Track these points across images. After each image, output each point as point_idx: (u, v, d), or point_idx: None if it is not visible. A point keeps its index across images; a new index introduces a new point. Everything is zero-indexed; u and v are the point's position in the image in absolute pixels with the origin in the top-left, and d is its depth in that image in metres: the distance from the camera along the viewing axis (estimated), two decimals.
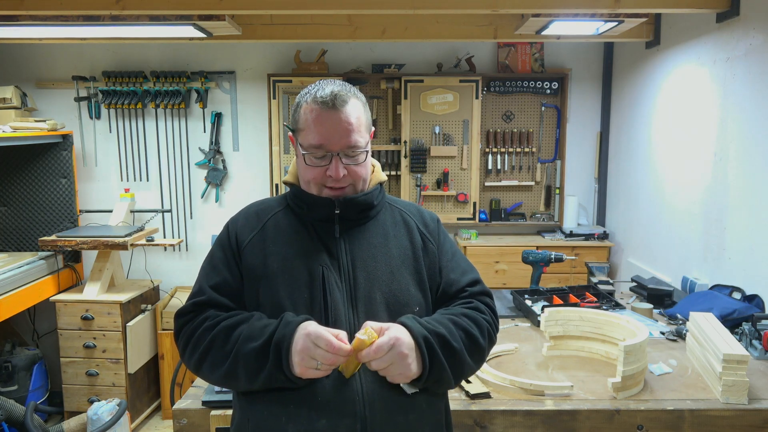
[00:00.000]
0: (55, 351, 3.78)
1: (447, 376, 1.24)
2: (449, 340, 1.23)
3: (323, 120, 1.26)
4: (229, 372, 1.21)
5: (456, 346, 1.23)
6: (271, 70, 4.27)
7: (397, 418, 1.22)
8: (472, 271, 1.43)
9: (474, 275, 1.42)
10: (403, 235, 1.37)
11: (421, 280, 1.34)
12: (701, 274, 3.00)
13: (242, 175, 4.40)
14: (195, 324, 1.27)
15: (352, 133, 1.27)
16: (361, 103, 1.33)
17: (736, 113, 2.75)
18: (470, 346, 1.27)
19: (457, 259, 1.42)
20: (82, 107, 4.31)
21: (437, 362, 1.21)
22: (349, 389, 1.20)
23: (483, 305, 1.37)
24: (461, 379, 1.31)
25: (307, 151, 1.28)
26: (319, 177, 1.30)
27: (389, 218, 1.40)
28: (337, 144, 1.27)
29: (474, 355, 1.29)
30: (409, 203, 1.48)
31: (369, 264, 1.30)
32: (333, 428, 1.18)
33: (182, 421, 1.76)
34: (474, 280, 1.41)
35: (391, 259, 1.32)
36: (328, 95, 1.27)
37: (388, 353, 1.14)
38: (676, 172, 3.30)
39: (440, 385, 1.27)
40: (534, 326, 2.46)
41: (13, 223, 4.10)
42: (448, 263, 1.40)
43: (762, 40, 2.55)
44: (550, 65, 4.31)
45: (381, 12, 2.82)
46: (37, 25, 3.01)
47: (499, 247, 4.08)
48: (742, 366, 1.76)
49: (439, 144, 4.19)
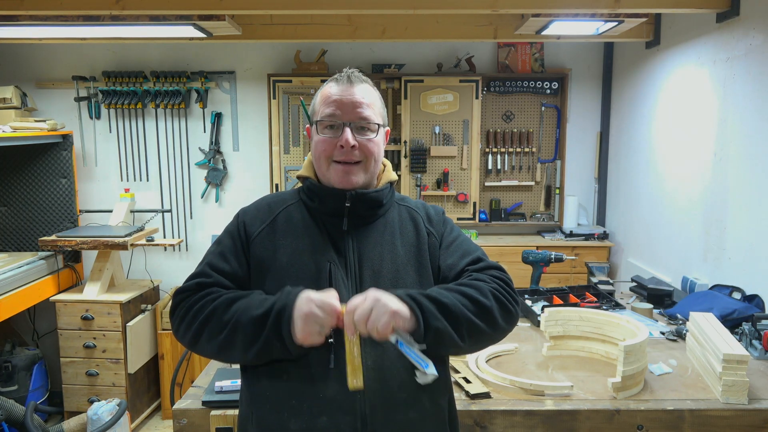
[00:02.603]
0: (55, 351, 3.78)
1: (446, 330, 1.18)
2: (436, 296, 1.20)
3: (338, 92, 1.33)
4: (226, 340, 1.20)
5: (446, 301, 1.20)
6: (271, 70, 4.28)
7: (397, 415, 1.22)
8: (475, 252, 1.39)
9: (475, 256, 1.37)
10: (411, 233, 1.38)
11: (426, 276, 1.35)
12: (701, 274, 3.00)
13: (242, 175, 4.40)
14: (196, 297, 1.27)
15: (364, 107, 1.32)
16: (376, 92, 1.39)
17: (736, 113, 2.75)
18: (466, 302, 1.22)
19: (457, 244, 1.40)
20: (82, 107, 4.31)
21: (426, 310, 1.17)
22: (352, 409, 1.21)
23: (486, 276, 1.31)
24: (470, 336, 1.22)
25: (320, 119, 1.33)
26: (330, 149, 1.33)
27: (397, 216, 1.40)
28: (348, 114, 1.31)
29: (476, 312, 1.22)
30: (417, 201, 1.48)
31: (375, 262, 1.31)
32: (334, 425, 1.19)
33: (182, 421, 1.76)
34: (475, 260, 1.36)
35: (397, 257, 1.33)
36: (346, 73, 1.35)
37: (366, 301, 1.13)
38: (676, 172, 3.30)
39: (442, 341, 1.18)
40: (534, 326, 2.46)
41: (13, 223, 4.10)
42: (447, 250, 1.39)
43: (762, 40, 2.55)
44: (550, 65, 4.31)
45: (381, 12, 2.82)
46: (37, 25, 3.01)
47: (499, 247, 4.08)
48: (742, 366, 1.76)
49: (439, 144, 4.19)
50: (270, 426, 1.23)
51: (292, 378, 1.23)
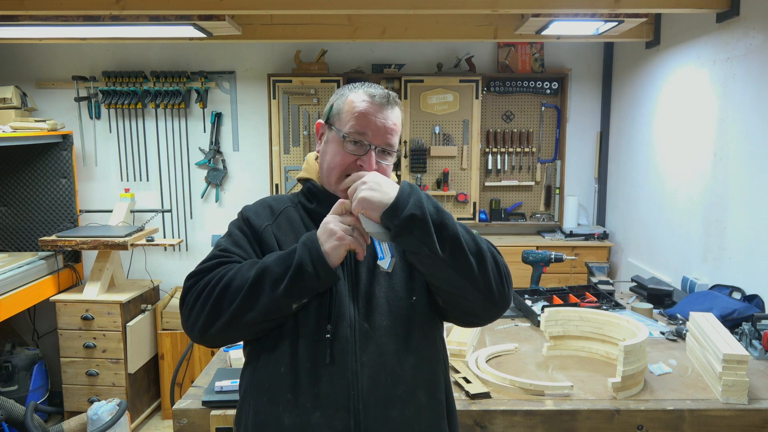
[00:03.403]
0: (55, 351, 3.78)
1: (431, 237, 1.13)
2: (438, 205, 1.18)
3: (374, 112, 1.30)
4: (251, 289, 1.18)
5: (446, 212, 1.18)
6: (271, 70, 4.28)
7: (392, 413, 1.21)
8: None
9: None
10: None
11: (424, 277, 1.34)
12: (701, 274, 3.00)
13: (242, 175, 4.41)
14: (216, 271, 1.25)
15: (394, 133, 1.33)
16: (402, 114, 1.39)
17: (735, 113, 2.75)
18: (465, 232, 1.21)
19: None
20: (82, 107, 4.32)
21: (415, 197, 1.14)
22: (345, 383, 1.20)
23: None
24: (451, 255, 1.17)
25: (348, 135, 1.31)
26: (347, 164, 1.31)
27: None
28: (378, 137, 1.30)
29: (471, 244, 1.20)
30: None
31: (371, 261, 1.31)
32: (327, 421, 1.19)
33: (182, 421, 1.76)
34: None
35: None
36: (383, 93, 1.33)
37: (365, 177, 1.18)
38: (676, 172, 3.30)
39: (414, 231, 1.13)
40: (534, 326, 2.46)
41: (13, 223, 4.10)
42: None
43: (762, 40, 2.55)
44: (550, 65, 4.31)
45: (381, 12, 2.82)
46: (37, 25, 3.01)
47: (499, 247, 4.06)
48: (742, 366, 1.76)
49: (439, 144, 4.19)
50: (265, 419, 1.23)
51: (289, 372, 1.22)
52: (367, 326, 1.24)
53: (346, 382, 1.20)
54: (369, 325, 1.23)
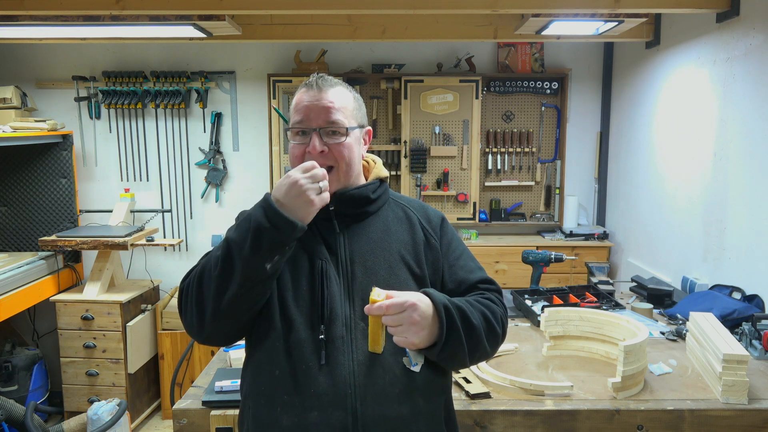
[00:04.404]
0: (55, 351, 3.78)
1: (462, 352, 1.24)
2: (468, 315, 1.25)
3: (308, 98, 1.31)
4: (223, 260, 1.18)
5: (475, 322, 1.25)
6: (271, 70, 4.28)
7: (389, 412, 1.21)
8: (480, 269, 1.43)
9: (483, 274, 1.42)
10: (405, 230, 1.38)
11: (422, 276, 1.34)
12: (701, 274, 3.00)
13: (242, 175, 4.40)
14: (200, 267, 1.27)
15: (333, 111, 1.29)
16: (350, 93, 1.37)
17: (735, 113, 2.75)
18: (486, 327, 1.29)
19: (465, 258, 1.42)
20: (82, 107, 4.32)
21: (455, 333, 1.21)
22: (342, 382, 1.21)
23: (497, 297, 1.38)
24: (475, 358, 1.30)
25: (291, 128, 1.33)
26: (300, 156, 1.31)
27: (391, 214, 1.40)
28: (316, 120, 1.29)
29: (490, 338, 1.30)
30: (414, 200, 1.48)
31: (368, 258, 1.31)
32: (325, 420, 1.19)
33: (182, 421, 1.76)
34: (484, 279, 1.41)
35: (390, 254, 1.33)
36: (317, 77, 1.34)
37: (401, 314, 1.15)
38: (676, 172, 3.30)
39: (453, 359, 1.26)
40: (534, 326, 2.46)
41: (13, 223, 4.10)
42: (456, 262, 1.40)
43: (762, 40, 2.55)
44: (550, 65, 4.31)
45: (381, 12, 2.82)
46: (37, 25, 3.01)
47: (499, 247, 4.08)
48: (742, 366, 1.76)
49: (439, 144, 4.19)
50: (264, 420, 1.24)
51: (285, 373, 1.23)
52: (363, 325, 1.24)
53: (343, 381, 1.21)
54: (366, 323, 1.23)
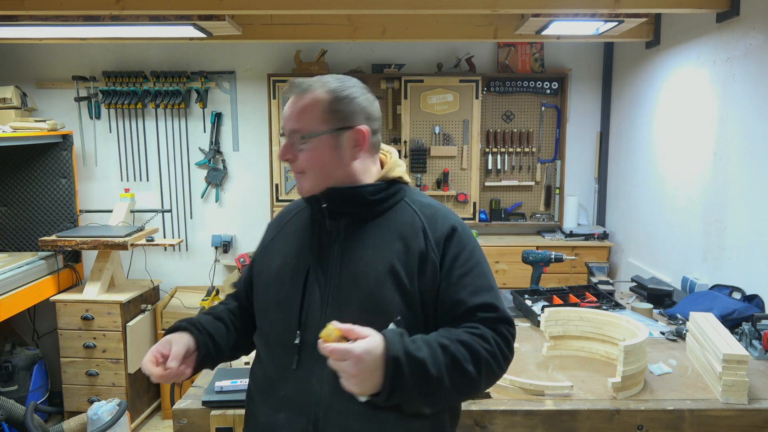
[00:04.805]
0: (55, 351, 3.78)
1: (414, 403, 1.16)
2: (428, 366, 1.13)
3: (286, 106, 1.32)
4: None
5: (434, 373, 1.13)
6: (271, 70, 4.28)
7: (351, 424, 1.19)
8: (488, 292, 1.26)
9: (488, 298, 1.25)
10: (405, 238, 1.27)
11: (411, 292, 1.23)
12: (701, 274, 3.00)
13: (242, 175, 4.40)
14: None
15: (296, 119, 1.27)
16: (326, 95, 1.27)
17: (735, 113, 2.75)
18: (455, 376, 1.15)
19: (471, 277, 1.26)
20: (82, 107, 4.32)
21: (401, 388, 1.11)
22: (309, 388, 1.22)
23: (491, 333, 1.21)
24: (439, 405, 1.21)
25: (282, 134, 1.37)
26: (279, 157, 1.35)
27: (399, 218, 1.30)
28: (286, 125, 1.30)
29: (460, 386, 1.17)
30: (431, 205, 1.34)
31: (359, 265, 1.25)
32: (290, 423, 1.23)
33: (182, 421, 1.76)
34: (486, 304, 1.24)
35: (381, 264, 1.24)
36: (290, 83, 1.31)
37: (342, 362, 1.09)
38: (676, 172, 3.30)
39: (407, 407, 1.18)
40: (534, 326, 2.46)
41: (13, 223, 4.10)
42: (460, 280, 1.25)
43: (762, 40, 2.55)
44: (550, 65, 4.31)
45: (381, 12, 2.82)
46: (37, 25, 3.01)
47: (499, 247, 4.08)
48: (742, 366, 1.76)
49: (439, 144, 4.19)
50: (249, 415, 1.36)
51: (264, 373, 1.31)
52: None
53: (310, 388, 1.22)
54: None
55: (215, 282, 4.38)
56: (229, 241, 4.40)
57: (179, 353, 1.25)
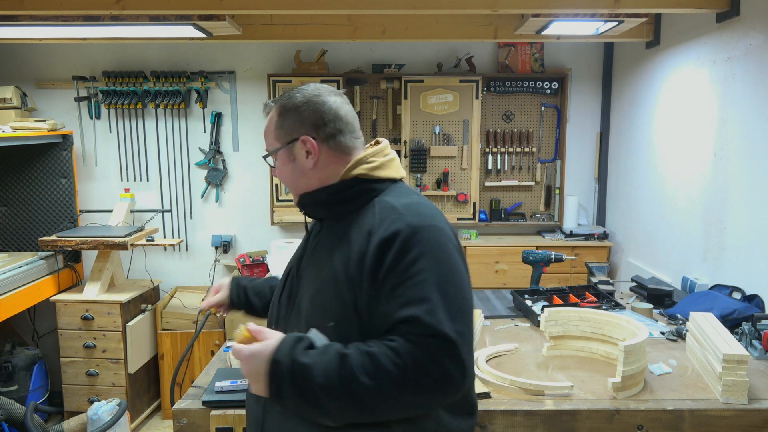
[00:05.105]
0: (55, 351, 3.78)
1: (304, 410, 1.13)
2: (312, 372, 1.08)
3: None
4: None
5: (319, 380, 1.08)
6: (271, 70, 4.27)
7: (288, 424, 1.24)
8: (419, 304, 1.10)
9: (414, 311, 1.09)
10: (353, 242, 1.21)
11: (349, 299, 1.18)
12: (701, 274, 3.00)
13: (242, 175, 4.40)
14: None
15: (265, 140, 1.39)
16: (277, 112, 1.34)
17: (735, 113, 2.75)
18: (349, 386, 1.08)
19: (405, 287, 1.12)
20: (82, 107, 4.32)
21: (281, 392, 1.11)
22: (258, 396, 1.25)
23: (410, 347, 1.08)
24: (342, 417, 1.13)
25: None
26: None
27: (360, 220, 1.24)
28: None
29: (356, 398, 1.08)
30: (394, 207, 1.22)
31: (315, 268, 1.28)
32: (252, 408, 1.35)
33: (182, 421, 1.76)
34: (410, 318, 1.10)
35: (326, 267, 1.23)
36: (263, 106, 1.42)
37: (243, 364, 1.17)
38: (676, 172, 3.30)
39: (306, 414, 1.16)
40: (534, 326, 2.46)
41: (13, 223, 4.10)
42: (391, 291, 1.13)
43: (762, 40, 2.55)
44: (550, 65, 4.31)
45: (381, 12, 2.82)
46: (37, 25, 3.01)
47: (499, 247, 4.08)
48: (742, 366, 1.76)
49: (439, 144, 4.19)
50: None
51: None
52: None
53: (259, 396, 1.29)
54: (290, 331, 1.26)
55: (215, 282, 4.38)
56: (229, 241, 4.41)
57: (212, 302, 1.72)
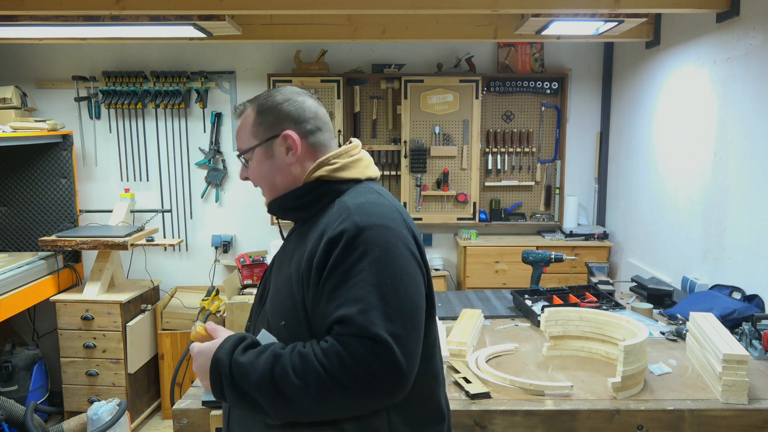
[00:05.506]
0: (55, 351, 3.78)
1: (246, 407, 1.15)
2: (248, 370, 1.11)
3: None
4: None
5: (254, 379, 1.10)
6: (271, 70, 4.28)
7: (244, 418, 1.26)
8: (355, 304, 1.09)
9: (348, 311, 1.08)
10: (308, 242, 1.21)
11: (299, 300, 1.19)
12: (701, 274, 3.00)
13: None
14: None
15: (237, 140, 1.40)
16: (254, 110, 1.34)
17: (735, 113, 2.75)
18: (281, 385, 1.08)
19: (345, 288, 1.11)
20: (82, 107, 4.32)
21: (221, 389, 1.15)
22: None
23: (339, 347, 1.07)
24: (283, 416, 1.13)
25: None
26: None
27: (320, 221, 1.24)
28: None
29: (287, 397, 1.08)
30: (347, 207, 1.21)
31: (278, 269, 1.32)
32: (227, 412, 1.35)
33: (182, 421, 1.76)
34: (342, 317, 1.08)
35: (285, 268, 1.26)
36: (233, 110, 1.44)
37: (193, 361, 1.22)
38: (676, 172, 3.30)
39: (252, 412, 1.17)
40: (534, 326, 2.46)
41: (13, 223, 4.10)
42: (332, 291, 1.13)
43: (762, 40, 2.55)
44: (550, 65, 4.31)
45: (381, 12, 2.82)
46: (37, 25, 3.01)
47: (499, 247, 4.08)
48: (742, 366, 1.76)
49: (439, 144, 4.19)
50: None
51: None
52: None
53: None
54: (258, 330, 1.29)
55: (215, 282, 4.38)
56: (229, 241, 4.41)
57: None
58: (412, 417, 1.22)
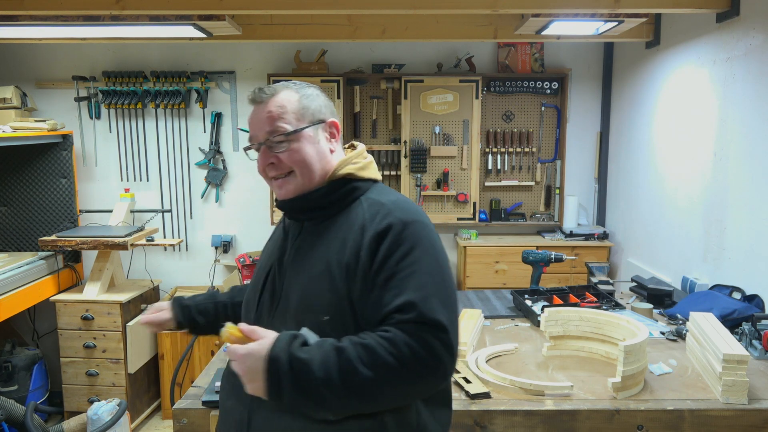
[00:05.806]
0: (55, 351, 3.78)
1: (306, 406, 1.12)
2: (311, 366, 1.09)
3: (252, 114, 1.34)
4: None
5: (319, 374, 1.09)
6: (271, 70, 4.28)
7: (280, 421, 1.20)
8: (415, 291, 1.13)
9: (409, 297, 1.12)
10: (346, 238, 1.23)
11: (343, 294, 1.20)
12: (701, 274, 3.00)
13: (242, 175, 4.40)
14: None
15: (273, 121, 1.29)
16: (295, 94, 1.34)
17: (735, 113, 2.75)
18: (348, 379, 1.09)
19: (399, 278, 1.15)
20: (82, 107, 4.32)
21: (281, 388, 1.11)
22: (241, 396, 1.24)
23: (405, 337, 1.10)
24: (341, 410, 1.14)
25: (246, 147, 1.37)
26: (260, 171, 1.36)
27: (348, 218, 1.27)
28: (260, 133, 1.31)
29: (355, 390, 1.09)
30: (381, 203, 1.27)
31: (302, 265, 1.28)
32: (234, 409, 1.30)
33: (182, 421, 1.76)
34: (405, 303, 1.12)
35: (317, 263, 1.24)
36: (256, 91, 1.33)
37: (238, 363, 1.14)
38: (676, 172, 3.30)
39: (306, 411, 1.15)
40: (534, 326, 2.46)
41: (13, 223, 4.10)
42: (385, 282, 1.16)
43: (762, 40, 2.55)
44: (550, 65, 4.31)
45: (381, 12, 2.82)
46: (37, 25, 3.01)
47: (499, 247, 4.08)
48: (742, 366, 1.76)
49: (439, 144, 4.19)
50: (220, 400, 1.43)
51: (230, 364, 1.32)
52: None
53: None
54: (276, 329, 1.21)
55: (215, 282, 4.38)
56: (229, 241, 4.41)
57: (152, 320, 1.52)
58: (431, 400, 1.26)
